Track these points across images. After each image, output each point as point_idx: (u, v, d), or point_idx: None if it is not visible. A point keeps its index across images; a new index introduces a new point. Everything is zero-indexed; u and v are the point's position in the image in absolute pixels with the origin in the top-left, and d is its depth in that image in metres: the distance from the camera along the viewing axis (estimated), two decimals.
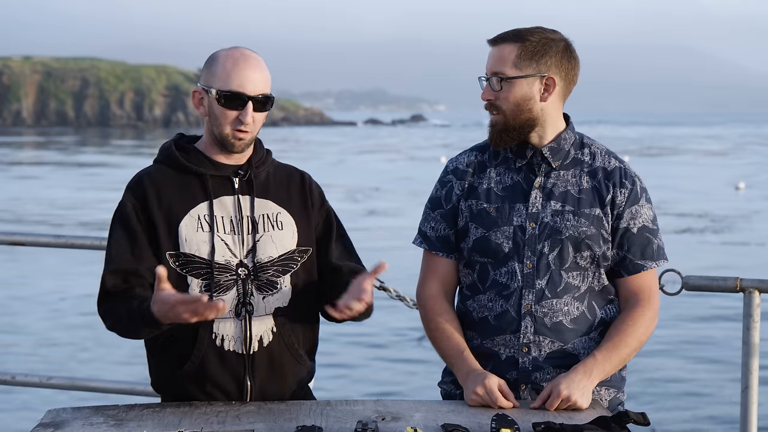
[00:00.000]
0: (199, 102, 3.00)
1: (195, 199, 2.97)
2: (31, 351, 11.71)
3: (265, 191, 3.03)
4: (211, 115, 2.97)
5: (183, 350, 2.97)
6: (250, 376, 2.98)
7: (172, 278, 2.93)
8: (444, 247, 3.14)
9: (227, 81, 2.93)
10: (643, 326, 3.00)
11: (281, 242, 3.01)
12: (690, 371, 10.89)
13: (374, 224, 22.54)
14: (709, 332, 12.62)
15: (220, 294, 2.95)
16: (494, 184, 3.09)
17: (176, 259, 2.95)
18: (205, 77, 2.98)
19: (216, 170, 2.99)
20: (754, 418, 3.89)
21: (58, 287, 15.53)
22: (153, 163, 3.07)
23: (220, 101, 2.93)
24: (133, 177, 3.05)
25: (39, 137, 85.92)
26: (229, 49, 2.99)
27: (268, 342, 2.99)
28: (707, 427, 9.06)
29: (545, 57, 3.02)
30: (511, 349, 3.03)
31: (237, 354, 2.97)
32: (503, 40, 3.04)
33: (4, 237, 4.64)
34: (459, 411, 2.85)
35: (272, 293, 2.99)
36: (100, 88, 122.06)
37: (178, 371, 2.98)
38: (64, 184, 34.88)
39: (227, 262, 2.95)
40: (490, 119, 3.09)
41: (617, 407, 3.10)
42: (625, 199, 3.04)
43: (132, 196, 2.99)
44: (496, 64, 3.03)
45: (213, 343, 2.96)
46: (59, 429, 2.69)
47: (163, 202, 2.96)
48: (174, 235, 2.94)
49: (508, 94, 3.02)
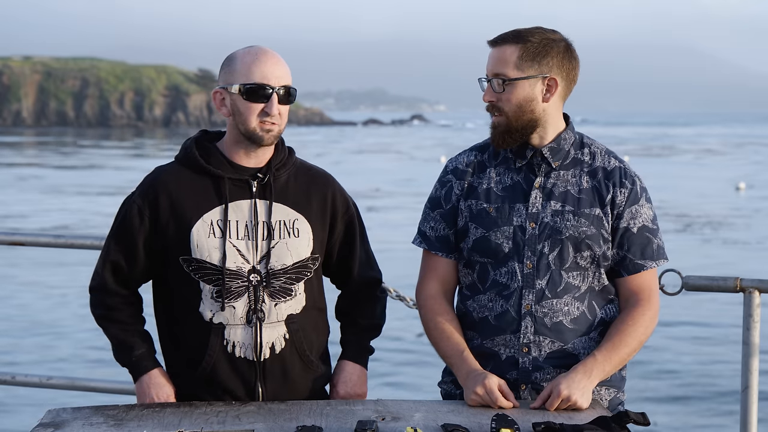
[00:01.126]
0: (221, 103, 2.97)
1: (210, 202, 2.95)
2: (32, 351, 11.70)
3: (284, 196, 3.00)
4: (236, 112, 2.94)
5: (194, 355, 2.97)
6: (262, 383, 2.98)
7: (185, 282, 2.95)
8: (443, 246, 3.13)
9: (249, 75, 2.91)
10: (643, 326, 3.00)
11: (296, 250, 2.99)
12: (690, 371, 10.89)
13: (374, 224, 22.55)
14: (709, 332, 12.62)
15: (230, 300, 2.94)
16: (494, 184, 3.08)
17: (188, 264, 2.94)
18: (224, 77, 2.96)
19: (234, 173, 2.96)
20: (754, 418, 3.89)
21: (58, 287, 15.52)
22: (173, 160, 3.05)
23: (245, 95, 2.91)
24: (150, 174, 3.04)
25: (39, 137, 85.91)
26: (245, 47, 2.98)
27: (281, 349, 2.99)
28: (707, 427, 9.05)
29: (547, 58, 3.01)
30: (511, 349, 3.03)
31: (248, 361, 2.97)
32: (504, 41, 3.03)
33: (4, 237, 4.64)
34: (459, 411, 2.85)
35: (285, 300, 2.98)
36: (100, 88, 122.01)
37: (191, 374, 2.99)
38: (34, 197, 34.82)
39: (239, 269, 2.94)
40: (492, 121, 3.07)
41: (617, 407, 3.10)
42: (625, 199, 3.04)
43: (142, 197, 2.99)
44: (498, 66, 3.02)
45: (224, 349, 2.96)
46: (59, 429, 2.69)
47: (176, 206, 2.95)
48: (185, 239, 2.93)
49: (510, 95, 3.01)
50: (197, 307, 2.96)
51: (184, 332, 2.98)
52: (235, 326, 2.95)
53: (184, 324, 2.99)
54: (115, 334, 3.03)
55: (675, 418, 9.25)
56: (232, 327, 2.95)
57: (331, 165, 43.78)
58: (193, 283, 2.95)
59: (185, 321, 2.98)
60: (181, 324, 3.00)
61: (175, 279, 2.97)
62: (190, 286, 2.95)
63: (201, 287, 2.94)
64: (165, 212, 2.95)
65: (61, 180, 37.10)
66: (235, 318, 2.95)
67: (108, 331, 3.05)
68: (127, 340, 3.03)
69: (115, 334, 3.04)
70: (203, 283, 2.94)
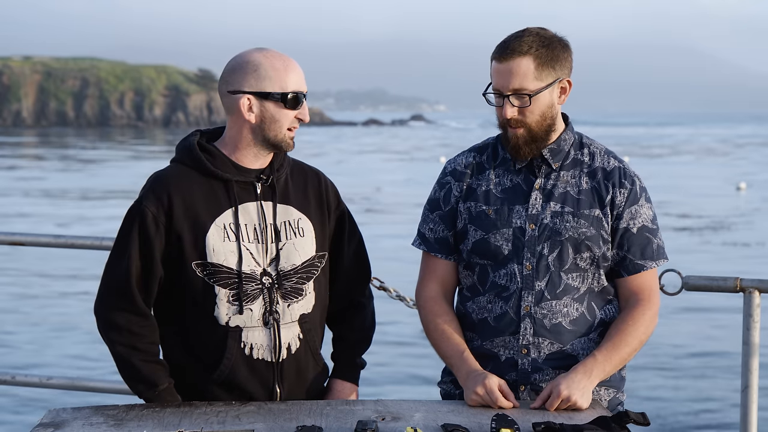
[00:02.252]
0: (249, 109, 2.92)
1: (220, 206, 2.93)
2: (32, 351, 11.70)
3: (286, 196, 3.00)
4: (267, 119, 2.91)
5: (210, 359, 2.96)
6: (279, 383, 2.99)
7: (199, 287, 2.92)
8: (442, 248, 3.13)
9: (286, 82, 2.90)
10: (643, 326, 3.00)
11: (303, 250, 3.00)
12: (690, 370, 10.88)
13: (374, 224, 22.53)
14: (709, 332, 12.61)
15: (248, 303, 2.94)
16: (493, 186, 3.08)
17: (203, 269, 2.92)
18: (251, 83, 2.90)
19: (240, 175, 2.95)
20: (754, 418, 3.89)
21: (59, 287, 15.52)
22: (174, 163, 3.00)
23: (285, 103, 2.89)
24: (156, 179, 2.97)
25: (39, 137, 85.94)
26: (260, 50, 2.95)
27: (296, 349, 3.00)
28: (707, 427, 9.05)
29: (559, 60, 2.99)
30: (510, 351, 3.03)
31: (266, 362, 2.97)
32: (513, 53, 2.95)
33: (4, 237, 4.64)
34: (459, 411, 2.85)
35: (297, 300, 2.99)
36: (100, 88, 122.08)
37: (207, 378, 2.97)
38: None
39: (252, 272, 2.94)
40: (511, 133, 3.01)
41: (617, 407, 3.10)
42: (624, 199, 3.04)
43: (154, 203, 2.92)
44: (517, 81, 2.95)
45: (242, 352, 2.95)
46: (59, 429, 2.69)
47: (190, 211, 2.91)
48: (201, 244, 2.91)
49: (534, 107, 2.97)
50: (212, 311, 2.93)
51: (199, 337, 2.96)
52: (253, 328, 2.94)
53: (197, 329, 2.96)
54: (137, 364, 2.93)
55: (675, 417, 9.24)
56: (249, 329, 2.94)
57: (331, 165, 43.84)
58: (207, 287, 2.92)
59: (198, 326, 2.95)
60: (193, 329, 2.96)
61: (186, 284, 2.93)
62: (205, 291, 2.92)
63: (216, 291, 2.92)
64: (180, 218, 2.91)
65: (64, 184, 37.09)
66: (252, 320, 2.94)
67: (128, 359, 2.93)
68: (151, 375, 2.94)
69: (137, 365, 2.93)
70: (218, 287, 2.92)
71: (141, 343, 2.94)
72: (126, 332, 2.93)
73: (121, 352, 2.94)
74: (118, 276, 2.93)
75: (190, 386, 3.00)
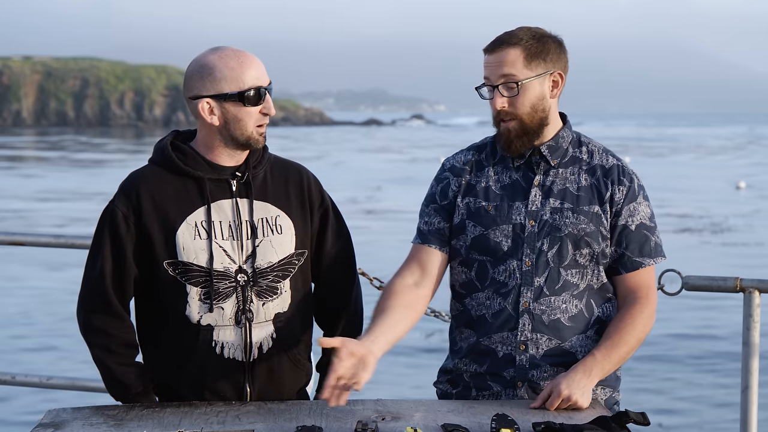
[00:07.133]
0: (210, 112, 2.90)
1: (192, 204, 2.91)
2: (32, 351, 11.70)
3: (264, 193, 2.98)
4: (231, 120, 2.89)
5: (181, 357, 2.95)
6: (250, 383, 2.97)
7: (170, 286, 2.91)
8: (436, 239, 3.09)
9: (243, 80, 2.87)
10: (641, 324, 3.00)
11: (281, 247, 2.97)
12: (690, 370, 10.88)
13: (374, 224, 22.54)
14: (709, 332, 12.61)
15: (219, 302, 2.92)
16: (492, 182, 3.08)
17: (174, 267, 2.91)
18: (208, 86, 2.88)
19: (214, 173, 2.93)
20: (754, 418, 3.89)
21: (59, 287, 15.52)
22: (148, 163, 3.01)
23: (244, 102, 2.87)
24: (127, 179, 2.98)
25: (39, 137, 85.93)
26: (215, 51, 2.92)
27: (268, 349, 2.97)
28: (707, 426, 9.05)
29: (550, 53, 3.00)
30: (508, 347, 3.03)
31: (237, 362, 2.95)
32: (502, 44, 2.98)
33: (4, 237, 4.64)
34: (459, 411, 2.85)
35: (272, 299, 2.96)
36: (100, 88, 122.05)
37: (177, 376, 2.97)
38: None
39: (226, 270, 2.92)
40: (503, 127, 3.02)
41: (612, 407, 3.10)
42: (623, 196, 3.04)
43: (125, 203, 2.93)
44: (504, 69, 2.97)
45: (212, 350, 2.94)
46: (59, 429, 2.69)
47: (159, 210, 2.90)
48: (171, 243, 2.90)
49: (523, 97, 2.98)
50: (183, 310, 2.92)
51: (170, 335, 2.95)
52: (224, 327, 2.93)
53: (168, 327, 2.95)
54: (112, 367, 2.94)
55: (675, 417, 9.24)
56: (220, 328, 2.93)
57: (331, 165, 43.85)
58: (179, 286, 2.91)
59: (169, 324, 2.94)
60: (165, 327, 2.96)
61: (158, 283, 2.93)
62: (176, 290, 2.91)
63: (188, 290, 2.91)
64: (149, 216, 2.90)
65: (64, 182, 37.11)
66: (224, 319, 2.92)
67: (104, 362, 2.95)
68: (124, 378, 2.95)
69: (111, 368, 2.94)
70: (190, 285, 2.91)
71: (116, 345, 2.94)
72: (102, 334, 2.94)
73: (97, 354, 2.95)
74: (93, 277, 2.95)
75: (163, 386, 3.00)
